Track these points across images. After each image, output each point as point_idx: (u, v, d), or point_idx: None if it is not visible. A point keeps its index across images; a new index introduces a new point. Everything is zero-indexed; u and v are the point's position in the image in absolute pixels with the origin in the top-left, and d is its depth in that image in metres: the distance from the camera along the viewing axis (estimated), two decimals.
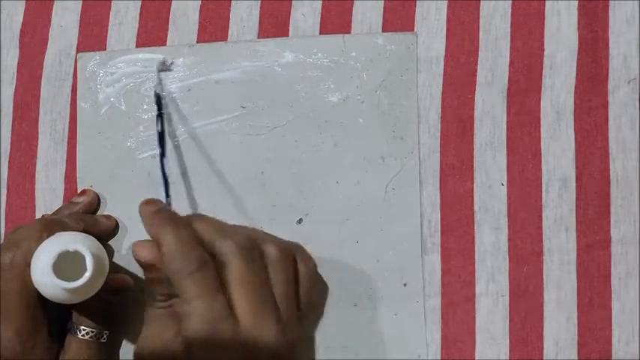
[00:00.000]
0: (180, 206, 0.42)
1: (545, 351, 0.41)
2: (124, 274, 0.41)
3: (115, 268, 0.42)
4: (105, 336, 0.39)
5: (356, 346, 0.41)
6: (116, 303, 0.40)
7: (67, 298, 0.36)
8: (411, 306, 0.42)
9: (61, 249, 0.36)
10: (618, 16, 0.42)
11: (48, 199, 0.45)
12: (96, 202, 0.43)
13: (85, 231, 0.39)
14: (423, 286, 0.42)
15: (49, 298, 0.36)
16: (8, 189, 0.45)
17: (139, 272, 0.37)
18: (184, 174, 0.43)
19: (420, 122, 0.42)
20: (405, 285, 0.42)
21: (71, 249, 0.36)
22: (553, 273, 0.41)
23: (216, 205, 0.43)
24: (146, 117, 0.44)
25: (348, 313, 0.42)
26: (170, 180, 0.41)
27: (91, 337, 0.38)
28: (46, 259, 0.35)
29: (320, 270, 0.37)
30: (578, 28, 0.42)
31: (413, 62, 0.43)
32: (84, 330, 0.38)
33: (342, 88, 0.43)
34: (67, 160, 0.45)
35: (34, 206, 0.45)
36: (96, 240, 0.39)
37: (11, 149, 0.45)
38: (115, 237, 0.43)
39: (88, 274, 0.35)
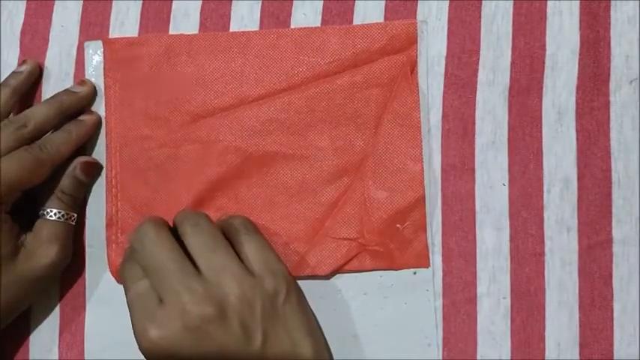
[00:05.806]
0: None
1: (546, 352, 0.41)
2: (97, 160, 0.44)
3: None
4: (73, 219, 0.42)
5: (366, 335, 0.41)
6: (85, 186, 0.43)
7: None
8: (421, 294, 0.42)
9: None
10: (620, 16, 0.42)
11: None
12: (37, 71, 0.44)
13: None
14: (432, 275, 0.42)
15: None
16: None
17: None
18: None
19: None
20: (414, 273, 0.42)
21: None
22: (554, 274, 0.41)
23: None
24: None
25: (358, 302, 0.42)
26: None
27: (59, 219, 0.41)
28: None
29: None
30: (580, 28, 0.42)
31: (422, 49, 0.42)
32: (57, 213, 0.41)
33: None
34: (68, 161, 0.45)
35: None
36: None
37: None
38: None
39: None
